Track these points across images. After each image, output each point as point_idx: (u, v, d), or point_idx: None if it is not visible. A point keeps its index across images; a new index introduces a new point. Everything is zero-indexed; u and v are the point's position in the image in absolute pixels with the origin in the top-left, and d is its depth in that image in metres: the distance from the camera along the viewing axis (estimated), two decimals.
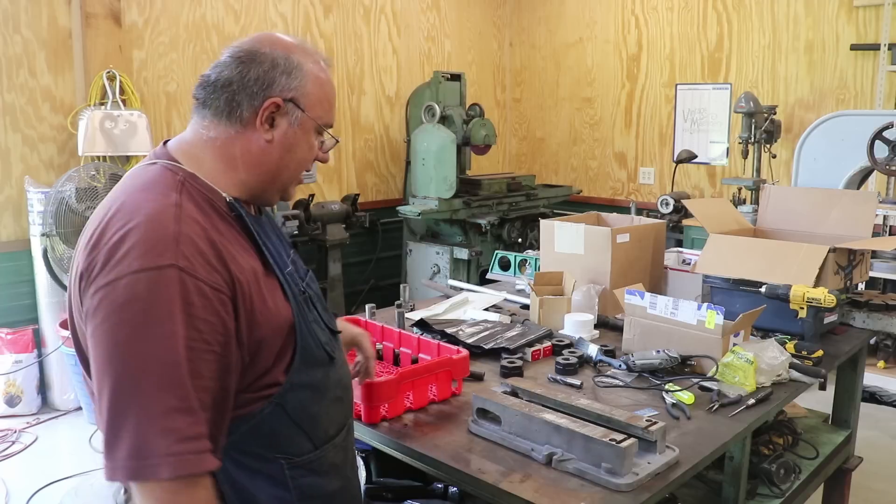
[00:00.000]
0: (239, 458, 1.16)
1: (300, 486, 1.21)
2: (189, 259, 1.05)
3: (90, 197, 3.27)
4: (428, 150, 5.01)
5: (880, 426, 3.90)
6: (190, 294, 1.03)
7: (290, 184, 1.28)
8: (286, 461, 1.20)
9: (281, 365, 1.18)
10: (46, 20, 4.01)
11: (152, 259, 1.03)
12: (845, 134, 4.30)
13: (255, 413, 1.15)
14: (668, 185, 5.77)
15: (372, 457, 1.83)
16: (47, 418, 3.99)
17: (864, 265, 2.48)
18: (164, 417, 1.00)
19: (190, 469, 1.01)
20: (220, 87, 1.19)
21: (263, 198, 1.27)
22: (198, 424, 1.02)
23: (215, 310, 1.06)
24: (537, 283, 2.48)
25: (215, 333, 1.06)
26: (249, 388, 1.15)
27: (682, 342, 1.96)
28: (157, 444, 0.99)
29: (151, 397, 1.00)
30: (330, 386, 1.27)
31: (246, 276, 1.13)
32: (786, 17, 5.14)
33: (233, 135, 1.19)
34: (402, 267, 5.43)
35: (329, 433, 1.27)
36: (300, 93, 1.20)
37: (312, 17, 5.24)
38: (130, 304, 1.01)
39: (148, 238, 1.04)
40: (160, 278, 1.02)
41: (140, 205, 1.09)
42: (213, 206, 1.16)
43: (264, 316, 1.14)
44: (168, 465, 0.99)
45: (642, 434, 1.43)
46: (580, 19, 6.26)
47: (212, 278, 1.07)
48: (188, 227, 1.08)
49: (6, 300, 4.03)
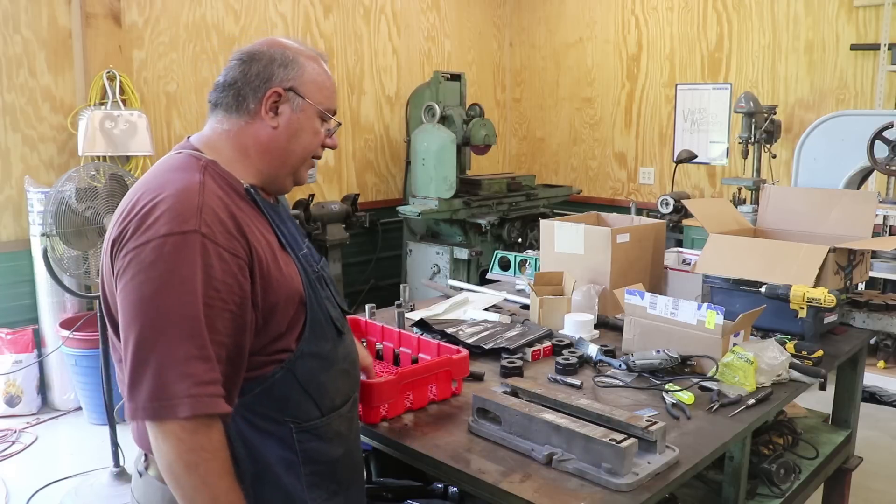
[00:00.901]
0: (252, 418, 1.26)
1: (306, 450, 1.31)
2: (210, 227, 1.17)
3: (90, 197, 3.26)
4: (428, 150, 5.01)
5: (880, 426, 3.90)
6: (210, 257, 1.16)
7: (300, 167, 1.39)
8: (295, 425, 1.30)
9: (293, 333, 1.29)
10: (46, 20, 4.01)
11: (178, 225, 1.16)
12: (845, 134, 4.30)
13: (267, 376, 1.26)
14: (668, 185, 5.77)
15: (372, 457, 1.83)
16: (47, 418, 4.00)
17: (864, 265, 2.48)
18: (183, 363, 1.11)
19: (206, 409, 1.12)
20: (227, 86, 1.32)
21: (277, 183, 1.38)
22: (213, 371, 1.14)
23: (233, 272, 1.18)
24: (537, 283, 2.48)
25: (232, 294, 1.17)
26: (263, 350, 1.25)
27: (682, 342, 1.96)
28: (177, 386, 1.10)
29: (172, 345, 1.12)
30: (338, 359, 1.38)
31: (262, 246, 1.25)
32: (786, 17, 5.14)
33: (243, 125, 1.32)
34: (402, 267, 5.43)
35: (335, 402, 1.37)
36: (298, 82, 1.33)
37: (312, 17, 5.24)
38: (157, 263, 1.14)
39: (175, 208, 1.17)
40: (185, 242, 1.15)
41: (168, 182, 1.22)
42: (232, 188, 1.28)
43: (279, 282, 1.25)
44: (186, 405, 1.10)
45: (642, 434, 1.43)
46: (580, 19, 6.26)
47: (230, 245, 1.19)
48: (211, 199, 1.20)
49: (6, 300, 4.04)
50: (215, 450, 1.15)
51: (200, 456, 1.13)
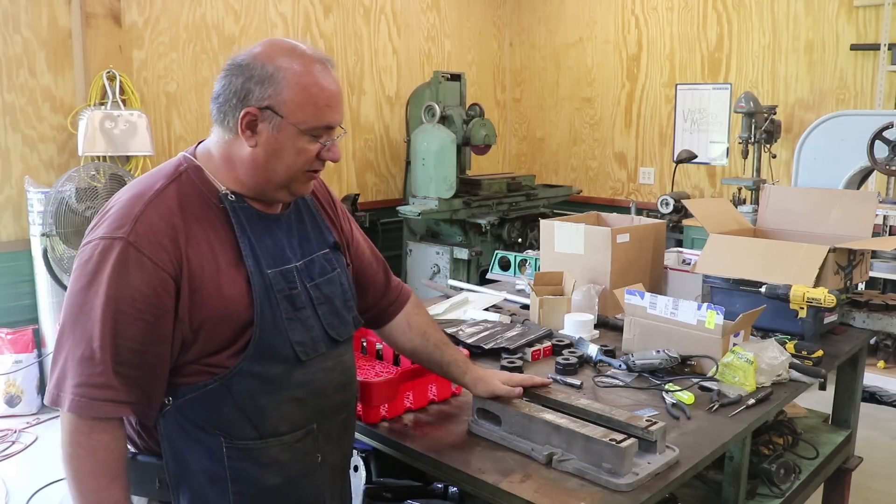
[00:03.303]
0: (182, 422, 1.27)
1: (235, 469, 1.28)
2: (139, 235, 1.20)
3: (90, 197, 3.26)
4: (428, 150, 5.01)
5: (880, 426, 3.90)
6: (129, 265, 1.19)
7: (290, 183, 1.33)
8: (225, 440, 1.28)
9: (229, 351, 1.26)
10: (46, 20, 4.01)
11: (112, 230, 1.21)
12: (845, 134, 4.30)
13: (199, 384, 1.26)
14: (668, 185, 5.76)
15: (372, 457, 1.82)
16: (47, 418, 3.99)
17: (864, 265, 2.48)
18: (78, 362, 1.18)
19: (81, 410, 1.17)
20: (214, 99, 1.30)
21: (267, 196, 1.35)
22: (104, 375, 1.18)
23: (152, 283, 1.20)
24: (537, 283, 2.48)
25: (148, 304, 1.20)
26: (196, 361, 1.26)
27: (682, 342, 1.96)
28: (69, 381, 1.18)
29: (74, 342, 1.19)
30: (289, 384, 1.32)
31: (203, 261, 1.24)
32: (786, 17, 5.14)
33: (228, 139, 1.31)
34: (402, 267, 5.42)
35: (278, 429, 1.31)
36: (276, 101, 1.25)
37: (312, 17, 5.24)
38: (87, 263, 1.21)
39: (118, 213, 1.23)
40: (111, 247, 1.19)
41: (134, 185, 1.29)
42: (203, 197, 1.29)
43: (211, 301, 1.24)
44: (68, 400, 1.17)
45: (642, 434, 1.43)
46: (580, 19, 6.26)
47: (156, 255, 1.20)
48: (154, 209, 1.23)
49: (6, 300, 4.03)
50: (93, 449, 1.19)
51: (76, 451, 1.19)
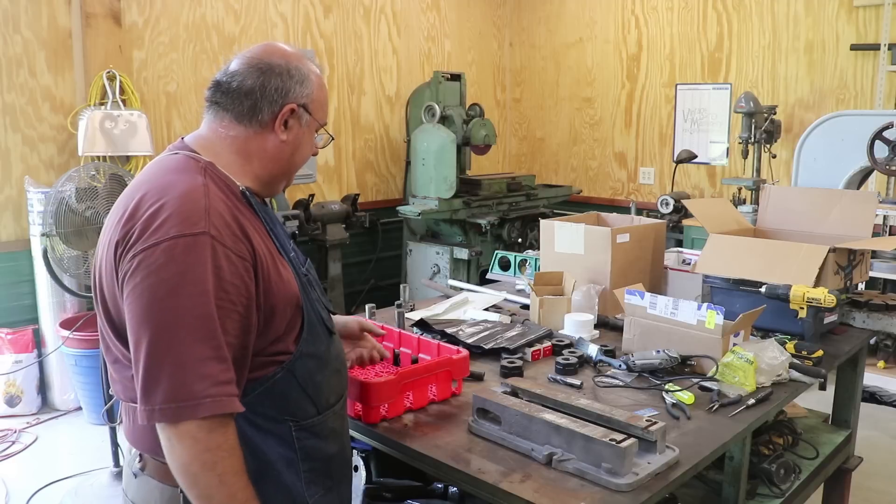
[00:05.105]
0: (253, 418, 1.27)
1: (304, 448, 1.34)
2: (218, 229, 1.19)
3: (90, 197, 3.26)
4: (428, 150, 5.01)
5: (880, 426, 3.90)
6: (219, 258, 1.17)
7: (293, 175, 1.46)
8: (293, 423, 1.32)
9: (291, 335, 1.31)
10: (46, 20, 4.01)
11: (188, 227, 1.17)
12: (845, 134, 4.30)
13: (268, 376, 1.28)
14: (668, 185, 5.77)
15: (372, 457, 1.83)
16: (47, 418, 4.00)
17: (864, 265, 2.48)
18: (200, 364, 1.13)
19: (225, 409, 1.14)
20: (243, 94, 1.32)
21: (273, 188, 1.42)
22: (229, 371, 1.16)
23: (240, 274, 1.20)
24: (537, 283, 2.48)
25: (240, 295, 1.19)
26: (263, 352, 1.27)
27: (682, 342, 1.96)
28: (196, 387, 1.12)
29: (188, 347, 1.13)
30: (331, 358, 1.42)
31: (262, 249, 1.27)
32: (786, 17, 5.14)
33: (251, 134, 1.34)
34: (402, 267, 5.42)
35: (330, 401, 1.40)
36: (310, 99, 1.37)
37: (312, 17, 5.24)
38: (168, 265, 1.15)
39: (182, 210, 1.18)
40: (195, 243, 1.16)
41: (171, 184, 1.23)
42: (231, 190, 1.30)
43: (278, 285, 1.27)
44: (206, 405, 1.12)
45: (642, 434, 1.43)
46: (580, 19, 6.26)
47: (237, 247, 1.21)
48: (216, 202, 1.22)
49: (6, 300, 4.04)
50: (231, 448, 1.17)
51: (217, 455, 1.14)
